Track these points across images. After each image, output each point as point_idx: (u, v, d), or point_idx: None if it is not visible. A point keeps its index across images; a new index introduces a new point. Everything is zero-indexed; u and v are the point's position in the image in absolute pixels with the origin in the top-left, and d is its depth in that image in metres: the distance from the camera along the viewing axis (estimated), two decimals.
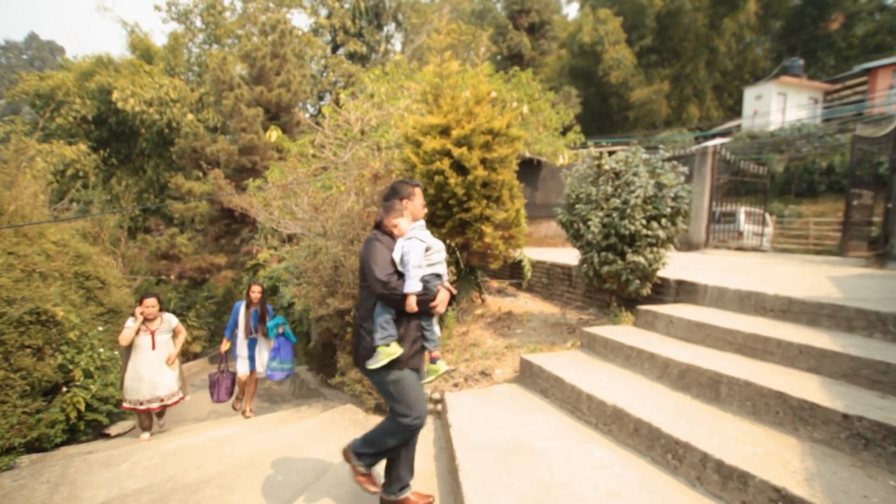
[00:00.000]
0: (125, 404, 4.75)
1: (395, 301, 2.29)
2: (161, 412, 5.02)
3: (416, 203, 2.53)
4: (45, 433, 4.66)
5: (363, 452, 2.42)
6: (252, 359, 5.46)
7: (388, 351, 2.27)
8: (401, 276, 2.33)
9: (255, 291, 5.49)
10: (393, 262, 2.36)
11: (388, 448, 2.40)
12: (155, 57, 17.23)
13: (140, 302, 4.74)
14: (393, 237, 2.44)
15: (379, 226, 2.48)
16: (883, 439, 2.06)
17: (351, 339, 2.50)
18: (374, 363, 2.27)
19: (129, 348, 4.72)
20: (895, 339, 2.88)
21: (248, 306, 5.47)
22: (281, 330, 5.50)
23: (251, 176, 10.10)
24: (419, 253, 2.34)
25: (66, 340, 5.13)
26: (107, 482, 3.55)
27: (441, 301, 2.37)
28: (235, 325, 5.50)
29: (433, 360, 2.53)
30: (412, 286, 2.28)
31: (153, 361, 4.76)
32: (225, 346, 5.58)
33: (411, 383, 2.37)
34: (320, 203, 5.78)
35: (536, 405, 3.41)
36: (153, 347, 4.74)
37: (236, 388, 5.65)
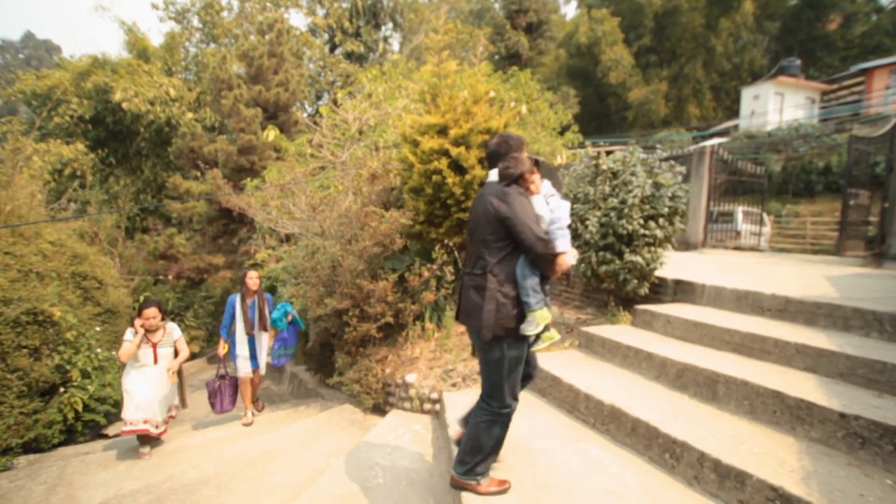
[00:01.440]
0: (125, 427, 4.06)
1: (546, 262, 2.07)
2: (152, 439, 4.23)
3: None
4: (43, 434, 4.65)
5: (470, 466, 2.20)
6: (254, 357, 4.93)
7: (544, 315, 2.06)
8: None
9: (253, 279, 4.88)
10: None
11: (489, 446, 2.21)
12: (152, 56, 17.18)
13: (139, 313, 4.13)
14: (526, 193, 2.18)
15: (515, 180, 2.16)
16: (879, 438, 2.06)
17: (466, 309, 2.15)
18: (532, 329, 2.04)
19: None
20: (891, 339, 2.89)
21: (243, 298, 4.86)
22: (290, 318, 5.07)
23: (249, 176, 10.09)
24: (568, 211, 2.21)
25: (63, 341, 5.11)
26: (104, 483, 3.54)
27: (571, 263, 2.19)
28: (232, 321, 4.88)
29: (546, 328, 2.24)
30: (566, 245, 2.12)
31: (155, 379, 4.15)
32: (223, 348, 4.90)
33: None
34: (318, 203, 5.77)
35: (534, 405, 3.41)
36: (155, 362, 4.17)
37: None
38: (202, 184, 12.83)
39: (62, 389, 4.96)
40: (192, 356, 10.94)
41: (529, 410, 3.31)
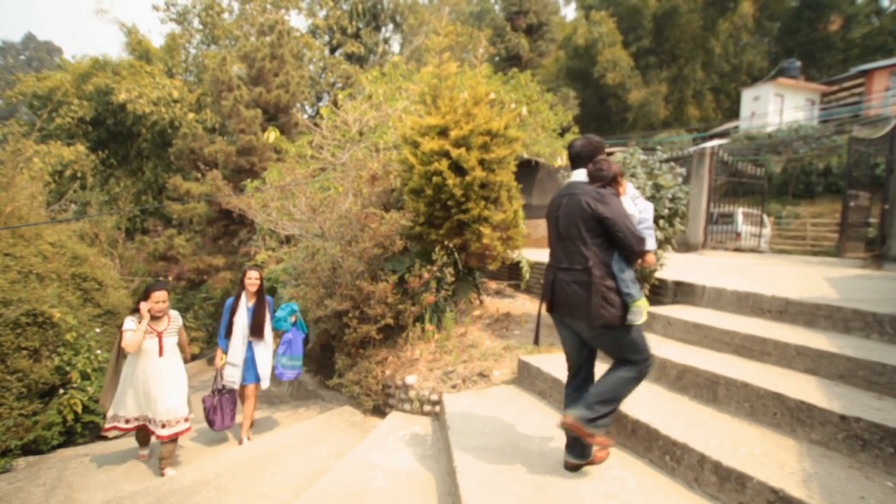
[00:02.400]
0: (108, 424, 3.75)
1: (637, 257, 2.31)
2: (172, 439, 3.73)
3: None
4: (42, 435, 4.64)
5: (599, 416, 2.26)
6: (251, 369, 4.31)
7: (644, 303, 2.25)
8: None
9: (253, 279, 4.31)
10: None
11: (623, 399, 2.34)
12: (153, 58, 17.21)
13: (146, 296, 3.68)
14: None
15: (608, 183, 2.34)
16: (880, 440, 2.06)
17: (568, 302, 2.30)
18: (639, 318, 2.22)
19: (120, 354, 3.76)
20: (892, 340, 2.89)
21: (237, 299, 4.33)
22: (294, 319, 4.61)
23: (250, 177, 10.08)
24: (652, 211, 2.51)
25: (63, 342, 5.10)
26: (104, 485, 3.54)
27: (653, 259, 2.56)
28: (229, 326, 4.30)
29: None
30: (653, 243, 2.40)
31: (161, 372, 3.71)
32: (220, 359, 4.30)
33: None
34: (318, 204, 5.77)
35: (534, 406, 3.41)
36: (160, 353, 3.70)
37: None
38: (202, 185, 12.83)
39: (62, 391, 4.96)
40: (193, 357, 10.93)
41: (530, 412, 3.31)
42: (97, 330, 5.87)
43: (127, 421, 3.76)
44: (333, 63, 19.83)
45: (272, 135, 8.35)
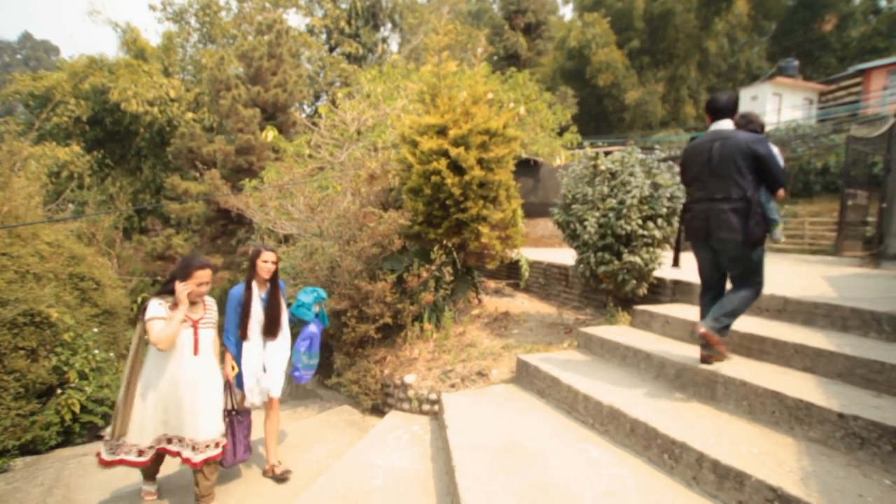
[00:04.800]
0: (109, 454, 2.73)
1: (779, 188, 2.82)
2: (203, 467, 2.80)
3: None
4: (40, 435, 4.62)
5: (725, 326, 2.81)
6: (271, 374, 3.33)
7: (781, 226, 2.86)
8: None
9: (269, 260, 3.27)
10: None
11: (740, 314, 2.84)
12: (150, 57, 17.17)
13: (188, 273, 2.75)
14: None
15: (758, 129, 3.03)
16: (878, 438, 2.06)
17: (726, 225, 2.73)
18: (780, 237, 2.90)
19: (138, 355, 2.82)
20: (890, 339, 2.90)
21: (248, 288, 3.27)
22: (318, 308, 3.70)
23: (248, 176, 10.07)
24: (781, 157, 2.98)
25: (60, 342, 5.08)
26: (101, 484, 3.52)
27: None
28: (244, 323, 3.25)
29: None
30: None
31: (197, 376, 2.79)
32: (232, 369, 3.21)
33: None
34: (316, 203, 5.76)
35: (533, 405, 3.41)
36: (195, 351, 2.79)
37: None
38: (201, 184, 12.81)
39: (59, 391, 4.94)
40: None
41: (529, 411, 3.31)
42: (95, 330, 5.85)
43: (140, 453, 2.72)
44: (332, 62, 19.80)
45: (270, 134, 8.34)
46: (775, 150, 2.84)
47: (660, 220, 4.25)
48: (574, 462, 2.57)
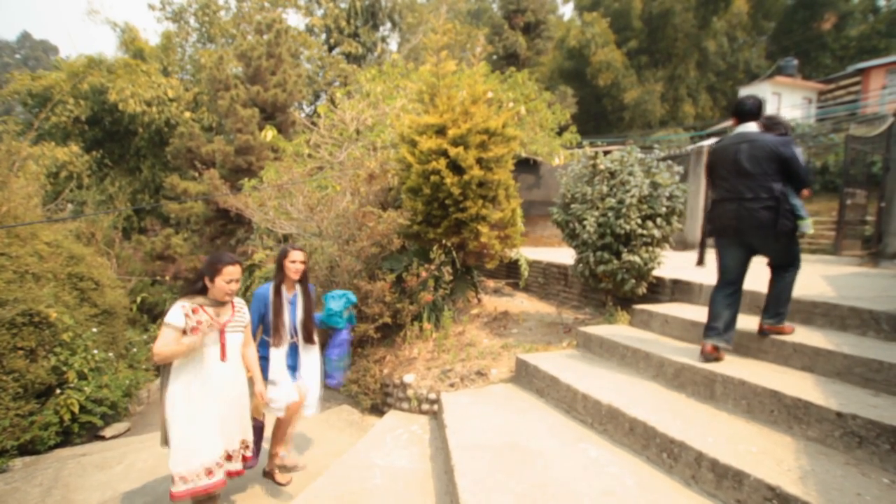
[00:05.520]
0: (177, 488, 2.40)
1: (805, 188, 2.93)
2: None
3: None
4: (39, 435, 4.62)
5: (782, 312, 3.01)
6: (294, 378, 3.20)
7: (810, 220, 2.94)
8: None
9: (297, 260, 3.10)
10: None
11: (791, 295, 3.04)
12: (148, 57, 17.14)
13: (217, 270, 2.51)
14: None
15: (784, 132, 3.06)
16: (876, 437, 2.06)
17: (760, 222, 2.86)
18: (809, 229, 2.94)
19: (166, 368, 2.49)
20: (888, 337, 2.90)
21: (277, 292, 3.11)
22: (347, 313, 3.50)
23: (247, 176, 10.06)
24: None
25: (59, 342, 5.08)
26: (100, 485, 3.52)
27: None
28: (277, 329, 3.09)
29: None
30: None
31: (227, 385, 2.57)
32: (261, 385, 2.86)
33: None
34: (315, 203, 5.76)
35: (532, 405, 3.41)
36: (223, 357, 2.56)
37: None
38: (200, 184, 12.79)
39: (58, 391, 4.94)
40: None
41: (528, 411, 3.31)
42: (94, 330, 5.85)
43: (209, 472, 2.44)
44: (331, 62, 19.78)
45: (269, 133, 8.34)
46: (799, 151, 2.94)
47: (659, 220, 4.25)
48: (573, 461, 2.57)
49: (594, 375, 3.35)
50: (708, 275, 4.78)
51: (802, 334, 3.04)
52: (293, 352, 3.20)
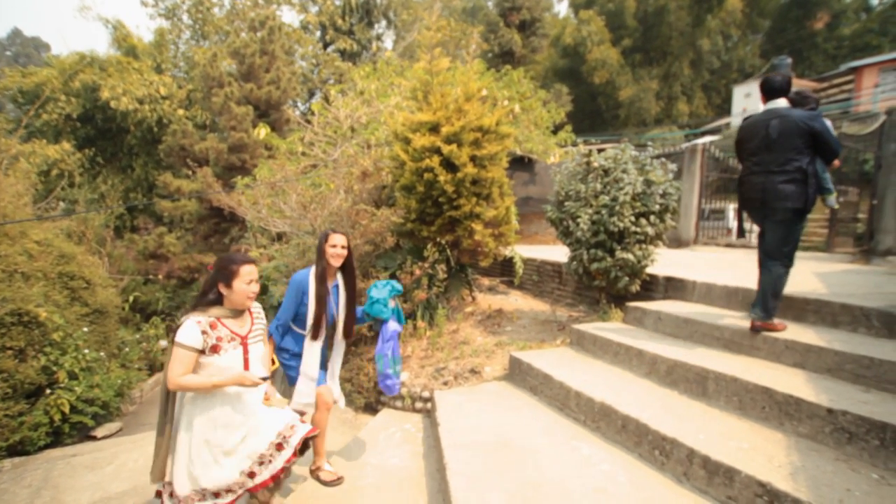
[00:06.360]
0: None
1: (834, 159, 2.99)
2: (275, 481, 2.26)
3: None
4: (28, 436, 4.57)
5: (770, 308, 3.01)
6: (323, 371, 2.92)
7: (835, 194, 3.10)
8: None
9: (338, 245, 2.83)
10: None
11: (782, 290, 3.05)
12: (141, 54, 16.98)
13: (233, 273, 2.19)
14: None
15: (812, 107, 3.26)
16: (866, 433, 2.07)
17: (784, 195, 2.91)
18: (835, 203, 3.18)
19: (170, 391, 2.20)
20: (879, 334, 2.91)
21: (321, 280, 2.82)
22: (394, 303, 3.12)
23: (241, 174, 10.00)
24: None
25: (49, 342, 5.03)
26: (91, 485, 3.49)
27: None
28: (294, 315, 2.84)
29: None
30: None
31: (251, 403, 2.27)
32: (273, 365, 2.75)
33: None
34: (309, 201, 5.73)
35: (525, 403, 3.40)
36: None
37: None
38: (193, 182, 12.71)
39: (48, 391, 4.89)
40: None
41: (521, 409, 3.30)
42: (85, 329, 5.79)
43: (216, 496, 2.13)
44: (326, 59, 19.70)
45: (262, 131, 8.27)
46: (829, 123, 3.00)
47: (652, 217, 4.25)
48: (565, 459, 2.57)
49: (587, 373, 3.35)
50: (702, 272, 4.79)
51: (794, 331, 3.05)
52: (325, 350, 2.94)
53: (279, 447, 2.22)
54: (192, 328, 2.10)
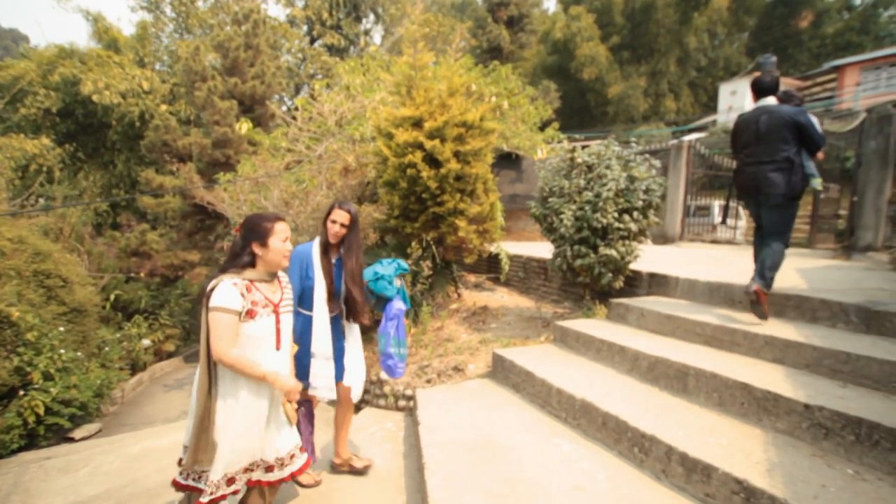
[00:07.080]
0: (209, 495, 1.86)
1: (818, 150, 3.24)
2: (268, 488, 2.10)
3: None
4: (1, 439, 4.46)
5: (771, 277, 3.22)
6: (339, 360, 2.69)
7: (820, 179, 3.30)
8: None
9: (337, 221, 2.61)
10: None
11: (780, 265, 3.26)
12: (123, 47, 16.61)
13: (267, 230, 1.99)
14: None
15: (797, 104, 3.44)
16: (842, 429, 2.07)
17: (773, 182, 3.18)
18: (819, 186, 3.29)
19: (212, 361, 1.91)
20: (857, 329, 2.93)
21: (324, 249, 2.65)
22: (399, 283, 2.92)
23: (225, 170, 9.82)
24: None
25: (23, 342, 4.91)
26: (63, 489, 3.39)
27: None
28: (302, 293, 2.57)
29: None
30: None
31: (278, 398, 2.07)
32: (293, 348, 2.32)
33: None
34: (291, 197, 5.64)
35: (507, 400, 3.38)
36: (277, 346, 2.04)
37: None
38: (176, 178, 12.49)
39: (22, 392, 4.77)
40: (168, 355, 10.67)
41: (503, 406, 3.28)
42: (62, 329, 5.67)
43: (230, 481, 1.91)
44: (313, 54, 19.46)
45: (244, 126, 8.13)
46: (814, 119, 3.25)
47: (636, 213, 4.25)
48: (545, 457, 2.55)
49: (569, 370, 3.34)
50: (686, 268, 4.80)
51: (774, 326, 3.06)
52: (336, 328, 2.67)
53: (291, 457, 2.12)
54: (229, 289, 1.88)
